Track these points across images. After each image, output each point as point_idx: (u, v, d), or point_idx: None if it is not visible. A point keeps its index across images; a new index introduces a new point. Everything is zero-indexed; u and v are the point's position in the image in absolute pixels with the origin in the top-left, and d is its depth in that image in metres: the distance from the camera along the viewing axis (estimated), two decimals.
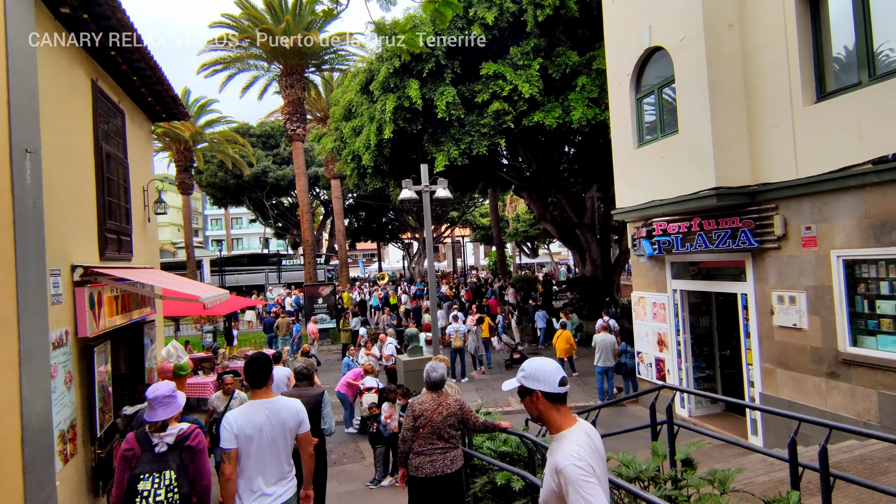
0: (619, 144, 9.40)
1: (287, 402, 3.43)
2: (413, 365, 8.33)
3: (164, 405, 3.35)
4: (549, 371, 2.08)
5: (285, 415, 3.32)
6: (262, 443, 3.20)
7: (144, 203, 9.06)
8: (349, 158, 15.84)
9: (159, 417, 3.30)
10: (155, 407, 3.37)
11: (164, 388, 3.50)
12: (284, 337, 17.16)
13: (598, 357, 10.00)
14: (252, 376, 3.40)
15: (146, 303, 8.08)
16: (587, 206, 19.13)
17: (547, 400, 2.07)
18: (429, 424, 4.06)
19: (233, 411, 3.34)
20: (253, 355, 3.55)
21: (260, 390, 3.39)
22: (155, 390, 3.47)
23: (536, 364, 2.13)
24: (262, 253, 39.24)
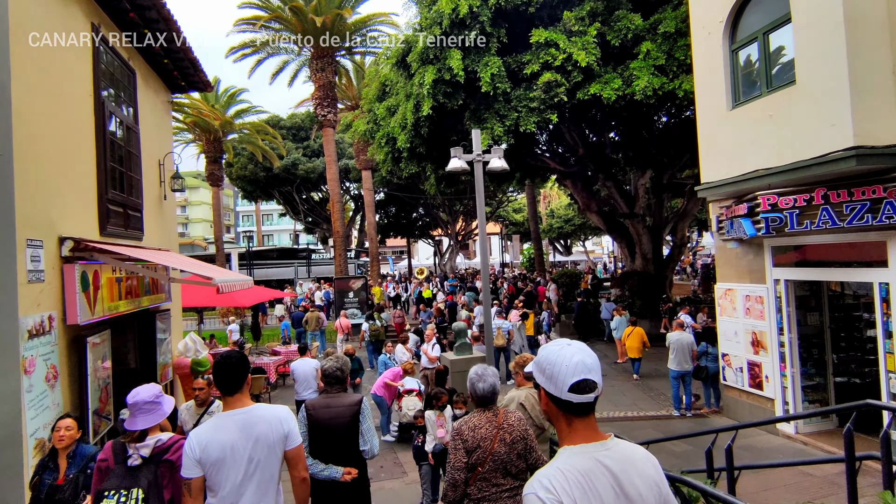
0: (707, 108, 7.96)
1: (265, 409, 2.71)
2: (461, 365, 7.13)
3: (145, 412, 2.86)
4: (561, 366, 1.51)
5: (263, 427, 2.59)
6: (236, 467, 2.51)
7: (160, 178, 8.09)
8: (383, 141, 14.72)
9: (138, 426, 2.85)
10: (135, 413, 2.88)
11: (146, 391, 2.95)
12: (314, 332, 16.18)
13: (673, 359, 8.57)
14: (222, 380, 2.64)
15: (159, 289, 7.06)
16: (638, 194, 17.54)
17: (554, 404, 1.56)
18: (490, 458, 2.82)
19: (197, 429, 2.65)
20: (223, 354, 2.80)
21: (232, 398, 2.66)
22: (136, 394, 2.93)
23: (550, 352, 1.57)
24: (292, 247, 38.72)
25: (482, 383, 3.08)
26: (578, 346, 1.55)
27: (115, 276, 5.63)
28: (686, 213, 18.23)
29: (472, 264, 47.93)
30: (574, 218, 45.10)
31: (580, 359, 1.49)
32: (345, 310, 16.84)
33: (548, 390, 1.53)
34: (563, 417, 1.52)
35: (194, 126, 25.07)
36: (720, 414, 8.53)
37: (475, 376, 3.10)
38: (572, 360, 1.49)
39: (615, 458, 1.44)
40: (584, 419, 1.50)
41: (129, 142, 6.75)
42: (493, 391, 3.09)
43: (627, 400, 9.82)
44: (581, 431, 1.50)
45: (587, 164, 17.19)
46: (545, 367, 1.53)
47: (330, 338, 17.56)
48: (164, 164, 8.11)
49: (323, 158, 32.54)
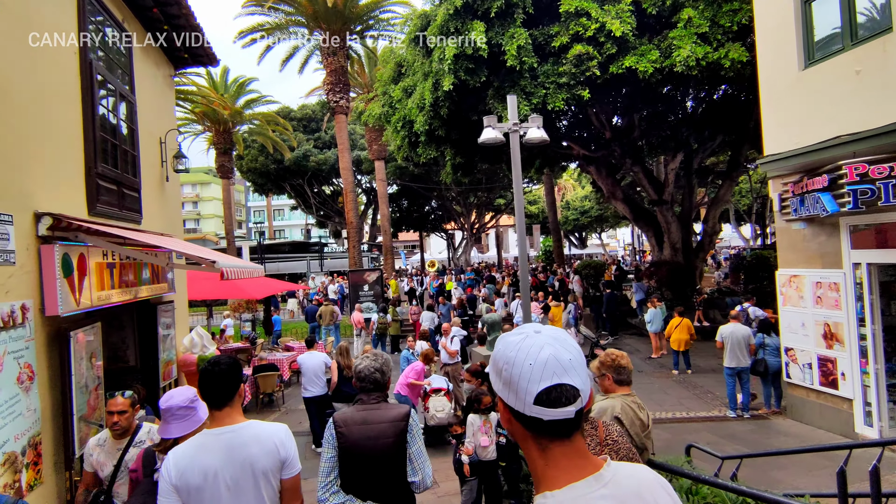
0: (772, 72, 7.06)
1: (258, 428, 2.20)
2: None
3: (179, 418, 2.57)
4: (523, 365, 0.98)
5: (254, 449, 2.12)
6: (218, 497, 2.04)
7: (162, 158, 7.36)
8: (399, 125, 13.92)
9: (172, 434, 2.55)
10: (168, 420, 2.58)
11: (180, 395, 2.64)
12: (328, 326, 15.50)
13: (728, 354, 7.70)
14: (208, 390, 2.18)
15: (160, 277, 6.34)
16: (668, 180, 16.58)
17: (518, 423, 1.02)
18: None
19: (175, 449, 2.20)
20: (211, 360, 2.31)
21: (220, 412, 2.18)
22: (169, 398, 2.63)
23: (508, 344, 1.03)
24: (304, 241, 38.17)
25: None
26: (551, 333, 1.04)
27: (105, 261, 4.91)
28: (718, 200, 17.24)
29: (485, 258, 47.10)
30: (590, 210, 44.06)
31: (551, 353, 0.99)
32: (360, 303, 16.12)
33: (506, 402, 1.04)
34: (534, 443, 1.04)
35: (203, 117, 24.46)
36: (782, 415, 7.66)
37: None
38: (539, 355, 0.99)
39: (619, 496, 0.98)
40: (564, 444, 1.02)
41: (125, 113, 6.02)
42: None
43: (671, 399, 8.98)
44: (562, 464, 1.02)
45: (613, 149, 16.26)
46: (501, 366, 1.03)
47: (345, 332, 16.88)
48: (165, 143, 7.39)
49: (334, 150, 31.89)
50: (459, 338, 8.99)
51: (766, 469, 5.61)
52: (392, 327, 14.69)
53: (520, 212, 6.65)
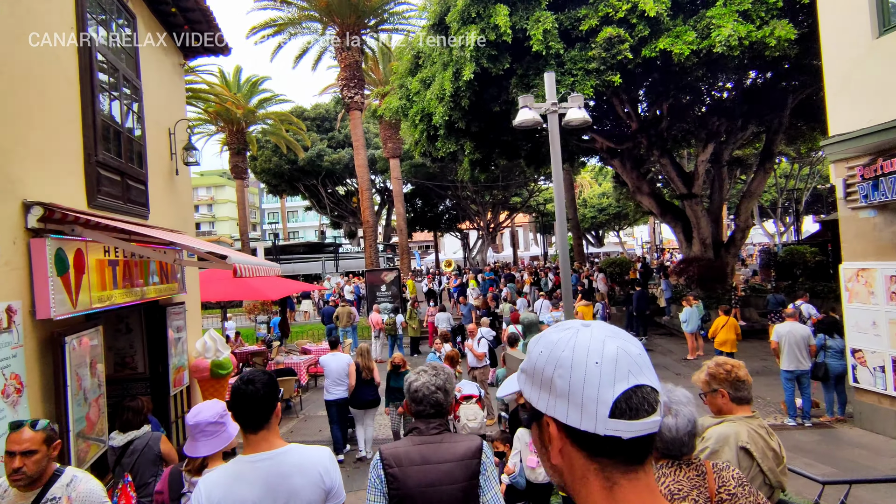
0: (838, 40, 6.37)
1: (299, 455, 1.91)
2: None
3: (207, 435, 2.36)
4: (586, 366, 0.75)
5: (297, 481, 1.83)
6: None
7: (171, 150, 6.89)
8: (417, 119, 13.39)
9: (201, 452, 2.35)
10: (196, 437, 2.36)
11: (209, 410, 2.44)
12: (345, 328, 15.02)
13: (786, 356, 7.01)
14: (242, 412, 1.90)
15: (170, 277, 5.85)
16: (698, 172, 15.82)
17: (578, 449, 0.78)
18: None
19: (207, 477, 1.93)
20: (244, 377, 1.98)
21: (255, 436, 1.91)
22: (197, 413, 2.42)
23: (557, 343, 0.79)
24: (319, 241, 37.87)
25: (671, 420, 1.70)
26: (604, 326, 0.80)
27: (107, 258, 4.42)
28: (751, 193, 16.44)
29: (500, 257, 46.46)
30: (608, 207, 43.25)
31: (618, 346, 0.76)
32: (377, 304, 15.62)
33: (561, 420, 0.76)
34: (599, 480, 0.76)
35: (216, 117, 24.19)
36: (847, 423, 6.95)
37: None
38: (605, 350, 0.75)
39: None
40: (636, 477, 0.76)
41: (130, 98, 5.55)
42: (692, 432, 1.72)
43: None
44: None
45: (640, 141, 15.56)
46: (551, 374, 0.76)
47: (362, 334, 16.40)
48: (175, 134, 6.93)
49: (348, 149, 31.54)
50: (488, 339, 8.42)
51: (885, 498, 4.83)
52: (411, 329, 14.15)
53: (560, 201, 6.07)
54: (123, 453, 3.82)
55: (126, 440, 3.86)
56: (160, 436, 3.90)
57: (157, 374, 5.93)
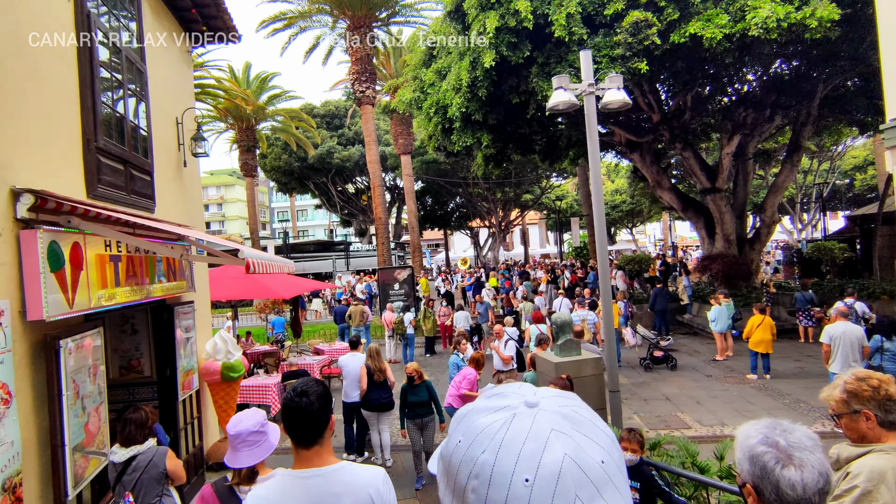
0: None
1: (352, 473, 1.77)
2: (568, 369, 5.31)
3: (250, 445, 2.35)
4: (516, 483, 0.55)
5: (346, 501, 1.70)
6: None
7: (179, 140, 6.52)
8: (431, 111, 12.96)
9: (244, 463, 2.34)
10: (237, 447, 2.35)
11: (250, 419, 2.41)
12: (358, 327, 14.64)
13: (838, 359, 6.50)
14: (295, 426, 1.76)
15: (178, 274, 5.47)
16: (722, 165, 15.25)
17: None
18: None
19: (255, 493, 1.75)
20: (297, 388, 1.81)
21: (308, 451, 1.77)
22: (238, 423, 2.39)
23: (479, 433, 0.59)
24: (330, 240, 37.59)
25: (794, 473, 1.24)
26: (556, 405, 0.61)
27: (108, 253, 4.04)
28: (777, 187, 15.85)
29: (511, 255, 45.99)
30: (621, 204, 42.58)
31: (565, 455, 0.56)
32: (391, 303, 15.22)
33: None
34: None
35: (226, 114, 23.93)
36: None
37: (767, 451, 1.25)
38: (543, 460, 0.55)
39: None
40: None
41: (135, 82, 5.17)
42: (824, 490, 1.26)
43: (758, 409, 7.80)
44: None
45: (661, 133, 15.02)
46: (464, 481, 0.58)
47: (375, 333, 16.02)
48: (182, 124, 6.55)
49: (359, 146, 31.22)
50: (515, 341, 7.99)
51: None
52: (425, 329, 13.70)
53: (597, 191, 5.59)
54: (125, 470, 3.43)
55: (128, 456, 3.47)
56: (166, 451, 3.51)
57: (164, 378, 5.56)
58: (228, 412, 6.73)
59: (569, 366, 5.41)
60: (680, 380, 9.77)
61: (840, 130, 20.63)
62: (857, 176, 37.49)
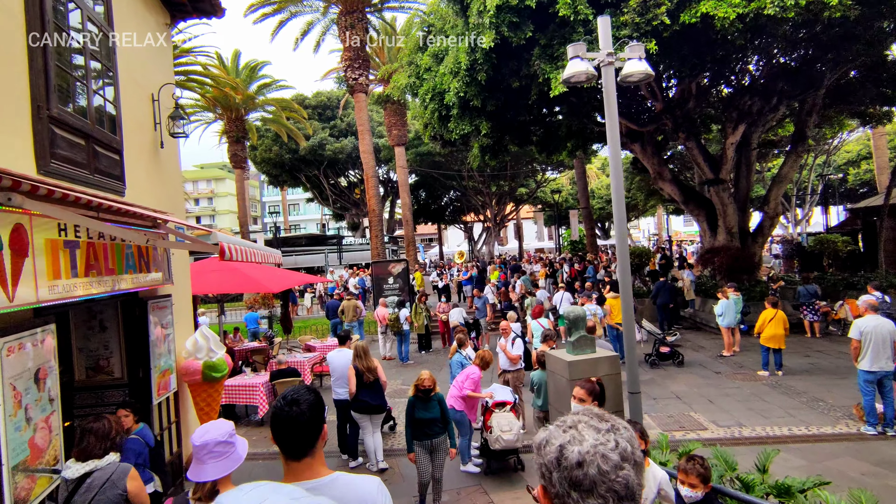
0: None
1: (346, 486, 1.67)
2: (583, 369, 4.84)
3: (216, 456, 2.25)
4: None
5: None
6: None
7: (155, 118, 5.96)
8: (428, 98, 12.42)
9: (210, 476, 2.22)
10: (203, 459, 2.24)
11: (217, 429, 2.30)
12: (351, 323, 14.13)
13: (868, 355, 6.08)
14: (284, 436, 1.65)
15: (152, 264, 4.94)
16: (726, 156, 14.84)
17: None
18: None
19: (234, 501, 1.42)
20: (287, 397, 1.69)
21: (298, 464, 1.66)
22: (204, 433, 2.28)
23: None
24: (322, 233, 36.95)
25: None
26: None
27: (63, 238, 3.50)
28: (781, 178, 15.47)
29: (505, 250, 45.59)
30: None
31: None
32: (384, 297, 14.71)
33: None
34: None
35: (214, 103, 23.21)
36: None
37: None
38: None
39: None
40: None
41: (98, 50, 4.60)
42: None
43: (775, 408, 7.39)
44: None
45: (664, 122, 14.58)
46: None
47: (368, 329, 15.52)
48: (159, 101, 5.98)
49: (351, 138, 30.57)
50: (521, 337, 7.52)
51: None
52: (418, 324, 13.13)
53: (616, 172, 5.10)
54: (77, 488, 2.91)
55: (83, 472, 2.95)
56: (128, 469, 3.00)
57: (137, 380, 5.03)
58: (211, 415, 6.21)
59: (583, 365, 4.94)
60: (688, 377, 9.35)
61: (842, 122, 20.35)
62: (851, 171, 37.43)
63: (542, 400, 5.66)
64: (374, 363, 5.92)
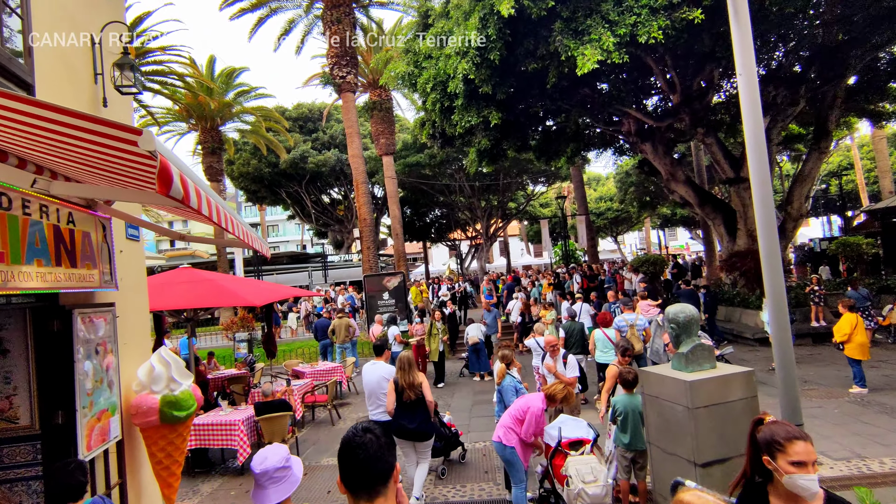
0: None
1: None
2: (710, 391, 3.35)
3: (276, 481, 2.29)
4: None
5: None
6: None
7: (95, 67, 4.40)
8: (428, 87, 11.06)
9: (273, 500, 2.25)
10: (264, 485, 2.29)
11: (274, 455, 2.34)
12: (344, 344, 12.46)
13: None
14: (354, 472, 1.49)
15: (80, 257, 3.32)
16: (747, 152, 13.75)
17: None
18: None
19: None
20: (359, 425, 1.58)
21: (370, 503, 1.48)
22: (263, 460, 2.32)
23: None
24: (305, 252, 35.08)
25: None
26: None
27: None
28: (804, 176, 14.50)
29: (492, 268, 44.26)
30: (606, 212, 41.47)
31: None
32: (380, 314, 13.09)
33: None
34: None
35: (187, 113, 21.56)
36: None
37: None
38: None
39: None
40: None
41: None
42: None
43: (886, 432, 6.00)
44: None
45: (682, 117, 13.48)
46: None
47: (362, 351, 13.84)
48: (100, 44, 4.44)
49: (335, 151, 29.07)
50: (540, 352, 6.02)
51: None
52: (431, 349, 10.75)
53: (753, 108, 3.74)
54: None
55: None
56: None
57: (54, 428, 3.37)
58: (173, 469, 4.56)
59: (710, 386, 3.47)
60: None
61: (849, 123, 19.72)
62: (833, 182, 37.35)
63: (632, 436, 4.15)
64: (418, 378, 4.65)
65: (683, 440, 3.50)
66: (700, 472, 3.37)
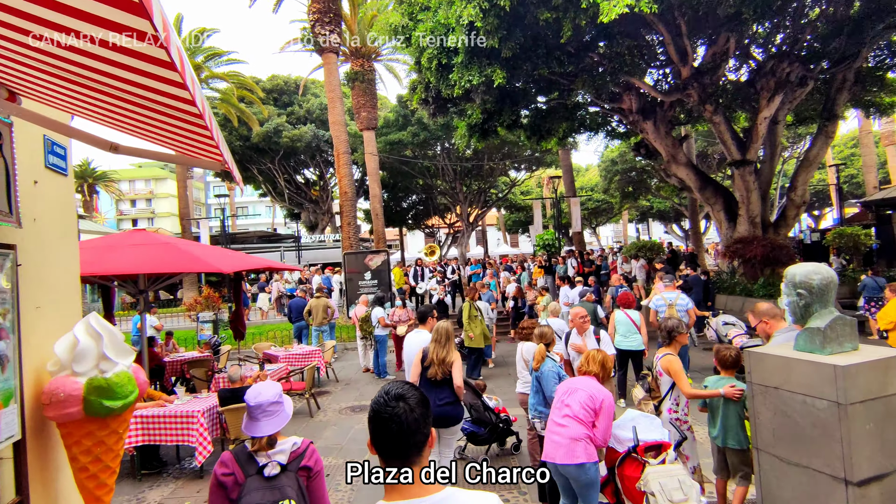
0: None
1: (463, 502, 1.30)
2: (868, 378, 2.43)
3: (269, 415, 2.39)
4: None
5: None
6: None
7: None
8: (425, 41, 9.87)
9: (265, 432, 2.34)
10: (258, 417, 2.38)
11: (269, 389, 2.45)
12: (321, 326, 11.27)
13: None
14: (387, 439, 1.34)
15: None
16: (757, 132, 13.08)
17: None
18: None
19: None
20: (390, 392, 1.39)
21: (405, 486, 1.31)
22: (257, 395, 2.41)
23: None
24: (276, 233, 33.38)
25: None
26: None
27: None
28: (810, 161, 13.94)
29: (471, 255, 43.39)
30: (587, 202, 41.00)
31: None
32: (365, 295, 11.91)
33: None
34: None
35: None
36: None
37: None
38: None
39: None
40: None
41: None
42: None
43: None
44: None
45: (689, 92, 12.65)
46: None
47: (341, 335, 12.65)
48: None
49: (311, 126, 27.49)
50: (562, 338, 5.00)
51: None
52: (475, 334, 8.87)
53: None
54: None
55: None
56: None
57: None
58: (102, 477, 3.40)
59: (867, 373, 2.49)
60: None
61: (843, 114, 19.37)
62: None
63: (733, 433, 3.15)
64: (452, 356, 3.90)
65: (825, 447, 2.52)
66: (854, 493, 2.39)
